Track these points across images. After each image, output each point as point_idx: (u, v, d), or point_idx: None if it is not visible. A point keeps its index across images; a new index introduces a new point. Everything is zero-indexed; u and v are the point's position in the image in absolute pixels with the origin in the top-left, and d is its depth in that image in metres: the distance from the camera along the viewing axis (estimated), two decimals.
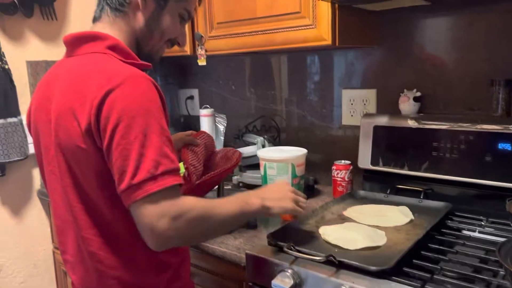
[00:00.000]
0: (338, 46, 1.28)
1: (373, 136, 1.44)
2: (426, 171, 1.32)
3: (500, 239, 1.02)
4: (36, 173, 1.90)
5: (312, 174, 1.67)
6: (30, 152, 1.75)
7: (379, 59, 1.51)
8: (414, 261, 0.95)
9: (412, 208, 1.25)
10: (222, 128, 1.86)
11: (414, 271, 0.91)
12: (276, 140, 1.74)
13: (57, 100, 0.87)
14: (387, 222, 1.17)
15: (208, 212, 0.84)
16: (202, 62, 1.60)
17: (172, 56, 1.68)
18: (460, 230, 1.15)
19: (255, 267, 1.05)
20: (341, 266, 0.92)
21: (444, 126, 1.29)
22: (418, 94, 1.40)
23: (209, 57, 1.60)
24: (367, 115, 1.49)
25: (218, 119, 1.86)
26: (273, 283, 0.97)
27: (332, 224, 1.16)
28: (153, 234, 0.77)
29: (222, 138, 1.86)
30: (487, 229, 1.13)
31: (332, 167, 1.49)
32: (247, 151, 1.63)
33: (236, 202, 0.92)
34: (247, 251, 1.06)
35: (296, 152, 1.45)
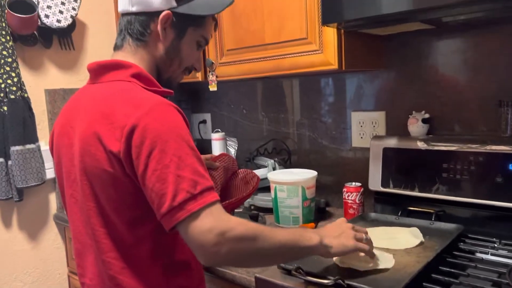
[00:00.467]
0: (345, 70, 1.31)
1: (382, 158, 1.44)
2: (436, 192, 1.32)
3: None
4: (52, 198, 1.94)
5: (324, 196, 1.67)
6: (47, 177, 1.80)
7: (387, 82, 1.53)
8: (425, 284, 0.94)
9: (423, 230, 1.24)
10: (233, 151, 1.88)
11: None
12: (287, 163, 1.76)
13: (81, 125, 0.89)
14: (397, 244, 1.16)
15: (257, 233, 0.82)
16: (213, 88, 1.64)
17: (185, 82, 1.72)
18: (472, 252, 1.13)
19: None
20: None
21: (453, 148, 1.29)
22: (427, 115, 1.40)
23: (220, 82, 1.64)
24: (377, 137, 1.50)
25: (229, 142, 1.89)
26: None
27: None
28: (202, 251, 0.78)
29: None
30: (500, 251, 1.12)
31: (343, 189, 1.49)
32: (258, 173, 1.65)
33: (290, 232, 0.90)
34: (257, 275, 1.06)
35: (306, 175, 1.46)
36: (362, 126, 1.61)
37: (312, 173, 1.50)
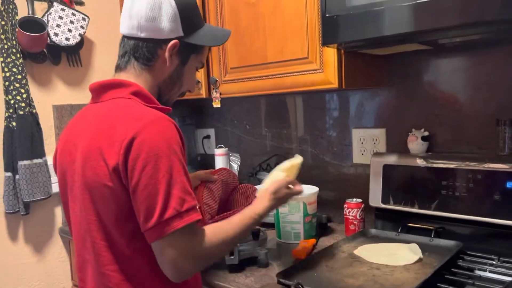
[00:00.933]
0: (345, 88, 1.34)
1: (383, 175, 1.46)
2: (436, 209, 1.33)
3: None
4: (58, 211, 1.97)
5: (326, 211, 1.69)
6: (53, 191, 1.83)
7: (387, 100, 1.56)
8: None
9: (422, 247, 1.25)
10: (236, 166, 1.91)
11: None
12: None
13: (84, 142, 0.93)
14: (396, 260, 1.18)
15: (222, 237, 0.92)
16: (216, 105, 1.67)
17: (190, 99, 1.76)
18: (471, 269, 1.14)
19: None
20: None
21: (452, 165, 1.31)
22: (426, 133, 1.43)
23: (224, 98, 1.68)
24: (377, 154, 1.52)
25: (232, 157, 1.92)
26: None
27: (342, 263, 1.17)
28: (175, 269, 0.85)
29: None
30: (499, 268, 1.13)
31: (344, 205, 1.51)
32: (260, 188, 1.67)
33: (242, 217, 0.99)
34: None
35: (307, 191, 1.48)
36: (363, 143, 1.63)
37: (314, 189, 1.52)
